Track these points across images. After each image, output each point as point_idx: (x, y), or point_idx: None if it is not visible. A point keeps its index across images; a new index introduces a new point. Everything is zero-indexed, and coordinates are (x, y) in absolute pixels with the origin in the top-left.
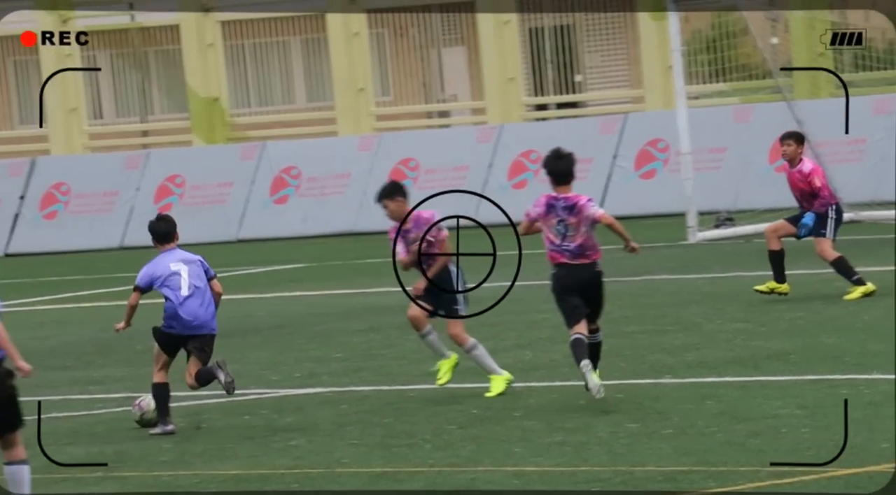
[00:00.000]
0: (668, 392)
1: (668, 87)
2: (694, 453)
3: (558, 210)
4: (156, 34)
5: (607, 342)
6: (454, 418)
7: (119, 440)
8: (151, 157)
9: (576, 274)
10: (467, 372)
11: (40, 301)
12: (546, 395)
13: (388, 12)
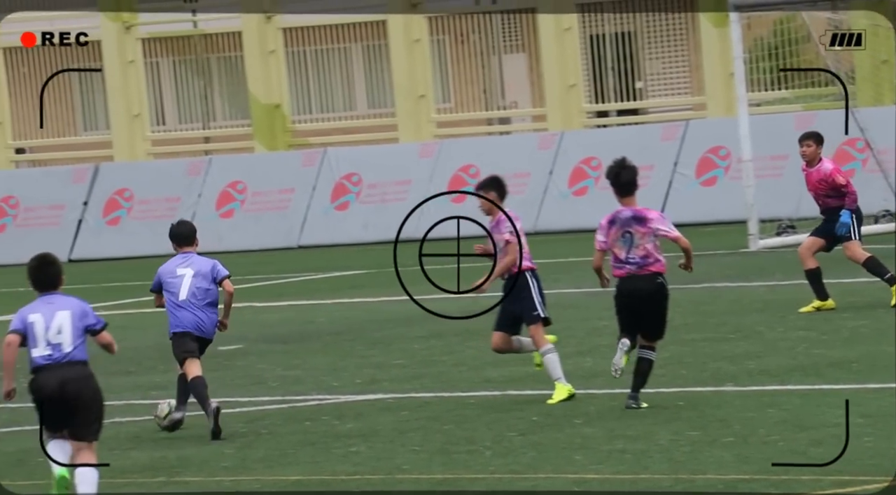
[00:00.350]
0: (729, 400)
1: (729, 94)
2: (755, 461)
3: (623, 222)
4: (218, 41)
5: (668, 349)
6: (515, 425)
7: (181, 445)
8: (213, 164)
9: (638, 285)
10: (528, 379)
11: (103, 306)
12: (606, 403)
13: (449, 17)
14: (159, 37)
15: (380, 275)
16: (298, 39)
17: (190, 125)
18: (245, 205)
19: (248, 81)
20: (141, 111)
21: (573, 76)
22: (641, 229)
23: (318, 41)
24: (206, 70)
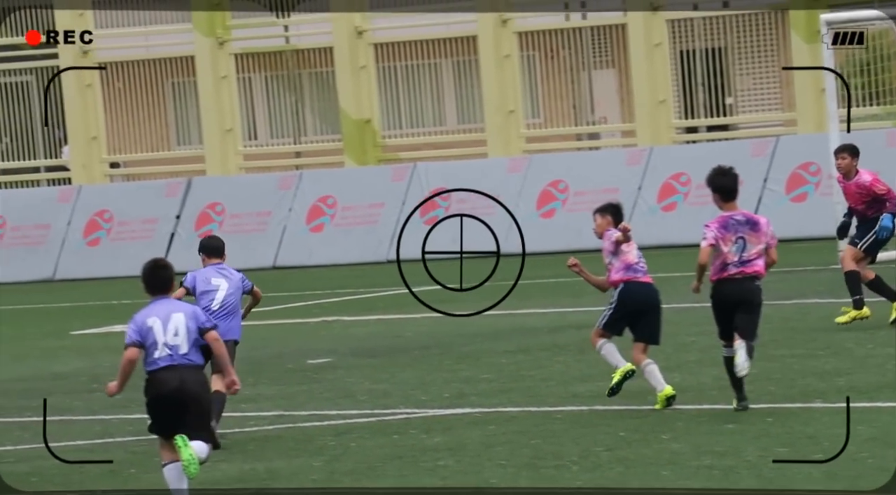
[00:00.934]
0: (818, 416)
1: (820, 110)
2: (844, 479)
3: (737, 226)
4: (310, 56)
5: (757, 365)
6: (602, 440)
7: (270, 457)
8: (304, 178)
9: (737, 288)
10: (617, 395)
11: None
12: (694, 418)
13: (539, 34)
14: (252, 52)
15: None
16: (389, 55)
17: (281, 140)
18: (335, 220)
19: (339, 97)
20: (233, 126)
21: (663, 92)
22: (754, 235)
23: (408, 57)
24: (297, 85)
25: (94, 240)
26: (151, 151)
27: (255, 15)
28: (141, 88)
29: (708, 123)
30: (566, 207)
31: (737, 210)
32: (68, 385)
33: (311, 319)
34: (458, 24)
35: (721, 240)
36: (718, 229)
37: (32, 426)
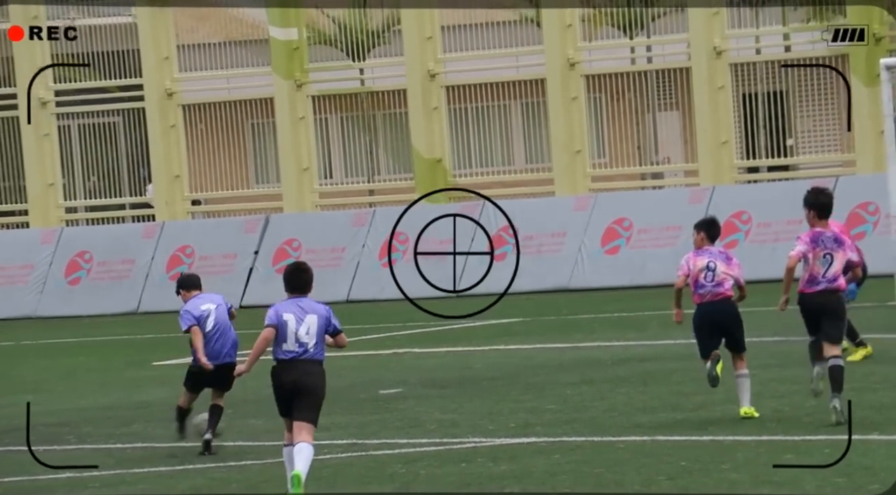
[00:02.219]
0: (875, 448)
1: (879, 151)
2: None
3: (826, 242)
4: (384, 98)
5: (811, 398)
6: (663, 469)
7: (343, 484)
8: (377, 215)
9: (822, 300)
10: (676, 425)
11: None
12: (753, 449)
13: (606, 76)
14: (328, 94)
15: (534, 323)
16: (460, 97)
17: (356, 178)
18: (407, 255)
19: (412, 136)
20: (310, 165)
21: (725, 133)
22: (840, 252)
23: (478, 99)
24: (371, 126)
25: (176, 274)
26: (231, 189)
27: (332, 58)
28: (222, 129)
29: (769, 164)
30: (630, 244)
31: (827, 227)
32: (150, 413)
33: (383, 351)
34: (527, 67)
35: (811, 252)
36: (809, 243)
37: (119, 452)
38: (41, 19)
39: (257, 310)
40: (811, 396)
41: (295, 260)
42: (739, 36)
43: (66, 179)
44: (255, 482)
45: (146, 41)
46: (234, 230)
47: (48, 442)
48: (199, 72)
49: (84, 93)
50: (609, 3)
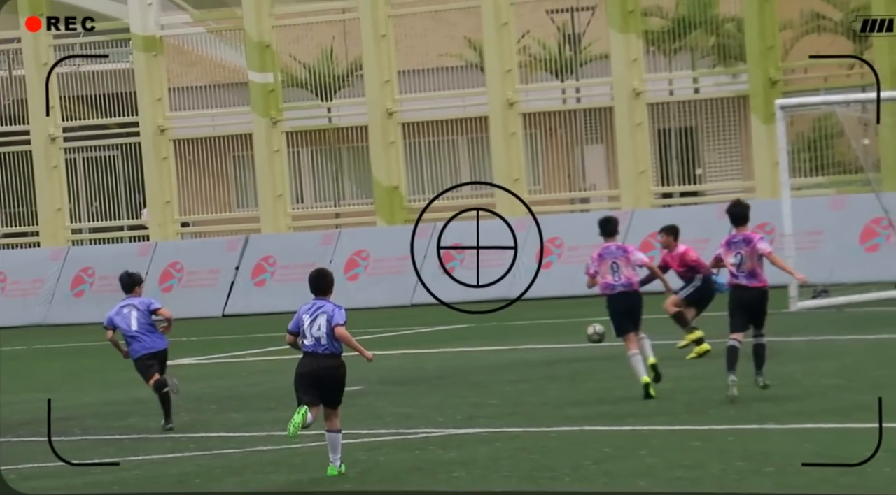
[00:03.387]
0: (771, 436)
1: (775, 179)
2: (793, 487)
3: (737, 244)
4: (348, 133)
5: (721, 393)
6: (589, 455)
7: (312, 469)
8: (342, 235)
9: (747, 294)
10: (601, 417)
11: (250, 353)
12: (667, 437)
13: (540, 115)
14: (300, 130)
15: (478, 330)
16: (414, 132)
17: (323, 203)
18: (368, 270)
19: (372, 167)
20: (283, 192)
21: (643, 163)
22: (748, 249)
23: (430, 134)
24: (337, 158)
25: (167, 287)
26: (215, 213)
27: (303, 99)
28: (207, 160)
29: (681, 190)
30: (561, 260)
31: (745, 232)
32: (145, 408)
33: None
34: (473, 106)
35: (725, 254)
36: (724, 247)
37: (116, 442)
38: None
39: (239, 319)
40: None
41: (318, 267)
42: (655, 79)
43: (72, 205)
44: (236, 468)
45: (142, 84)
46: (217, 248)
47: (57, 434)
48: (188, 111)
49: (87, 129)
50: (543, 51)
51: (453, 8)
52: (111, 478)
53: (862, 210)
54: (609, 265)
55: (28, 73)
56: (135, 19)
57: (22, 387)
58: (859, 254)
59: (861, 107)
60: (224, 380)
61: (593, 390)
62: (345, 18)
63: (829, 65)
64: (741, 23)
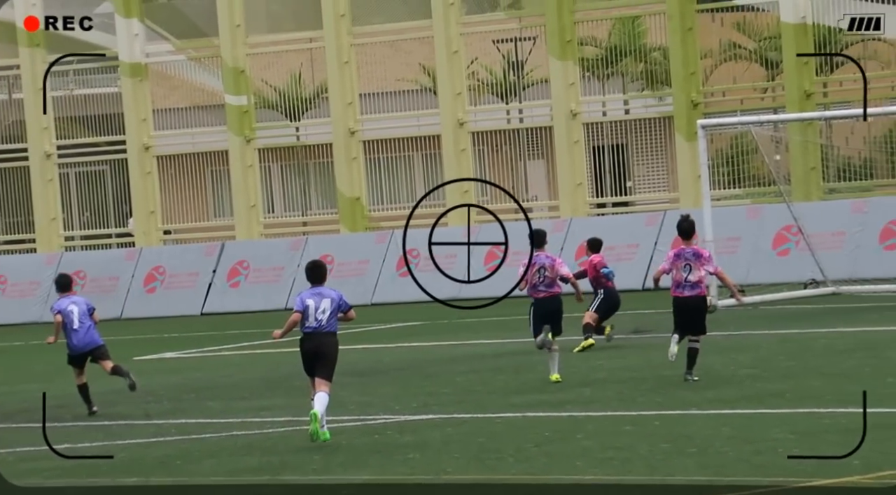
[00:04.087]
0: (693, 420)
1: (697, 191)
2: (712, 467)
3: (686, 257)
4: (315, 150)
5: (647, 383)
6: (531, 438)
7: (282, 452)
8: (309, 242)
9: (689, 302)
10: (542, 405)
11: (226, 348)
12: (601, 422)
13: (487, 133)
14: (271, 147)
15: (433, 326)
16: (375, 149)
17: (292, 213)
18: (333, 273)
19: (337, 180)
20: (256, 202)
21: (580, 177)
22: (698, 262)
23: (388, 151)
24: (305, 172)
25: (151, 288)
26: (195, 221)
27: (274, 119)
28: (187, 175)
29: (613, 201)
30: (506, 263)
31: (692, 246)
32: (130, 397)
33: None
34: (426, 125)
35: (674, 265)
36: (672, 258)
37: (105, 428)
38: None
39: (215, 317)
40: (647, 382)
41: (313, 259)
42: (590, 102)
43: (65, 214)
44: (213, 451)
45: (128, 106)
46: (196, 254)
47: (51, 420)
48: (170, 130)
49: (79, 147)
50: (489, 76)
51: (409, 38)
52: (100, 460)
53: (774, 218)
54: (536, 272)
55: (26, 97)
56: (122, 48)
57: (20, 378)
58: (772, 257)
59: (773, 126)
60: (202, 372)
61: (534, 381)
62: (311, 47)
63: (745, 89)
64: (666, 51)
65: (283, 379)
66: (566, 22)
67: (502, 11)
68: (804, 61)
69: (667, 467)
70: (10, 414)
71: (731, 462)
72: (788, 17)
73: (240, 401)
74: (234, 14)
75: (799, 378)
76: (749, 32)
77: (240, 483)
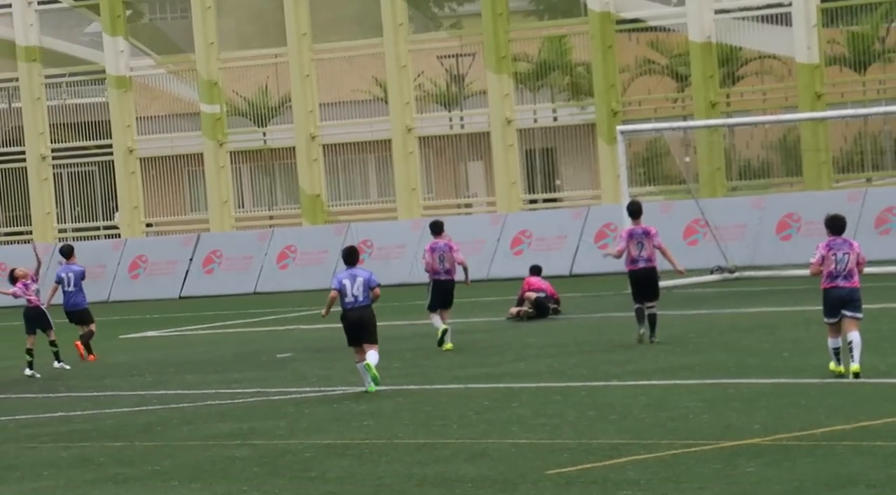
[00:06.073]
0: (614, 391)
1: (617, 188)
2: (630, 431)
3: (637, 235)
4: (280, 153)
5: (575, 357)
6: (472, 406)
7: (251, 419)
8: (275, 234)
9: (644, 273)
10: (481, 377)
11: (200, 328)
12: (534, 393)
13: (432, 138)
14: (241, 150)
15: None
16: (333, 152)
17: (260, 208)
18: (296, 261)
19: (299, 179)
20: (228, 199)
21: (514, 176)
22: (647, 239)
23: (345, 153)
24: (271, 172)
25: (135, 275)
26: (174, 215)
27: (243, 125)
28: (167, 174)
29: (544, 197)
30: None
31: (640, 224)
32: (117, 371)
33: (279, 327)
34: (378, 131)
35: (629, 242)
36: (626, 237)
37: (93, 398)
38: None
39: (192, 300)
40: (574, 357)
41: (349, 244)
42: (523, 110)
43: (58, 209)
44: (190, 418)
45: (115, 114)
46: (175, 244)
47: (45, 391)
48: (151, 135)
49: (71, 150)
50: (434, 87)
51: (363, 54)
52: (90, 426)
53: (684, 213)
54: (437, 257)
55: (24, 105)
56: (109, 62)
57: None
58: (683, 247)
59: (683, 132)
60: (180, 349)
61: (475, 356)
62: (277, 62)
63: (658, 99)
64: (589, 66)
65: (252, 355)
66: (501, 40)
67: (445, 31)
68: (709, 75)
69: (591, 432)
70: (9, 385)
71: (647, 427)
72: (696, 37)
73: (214, 375)
74: (208, 33)
75: (707, 353)
76: (662, 50)
77: (213, 447)
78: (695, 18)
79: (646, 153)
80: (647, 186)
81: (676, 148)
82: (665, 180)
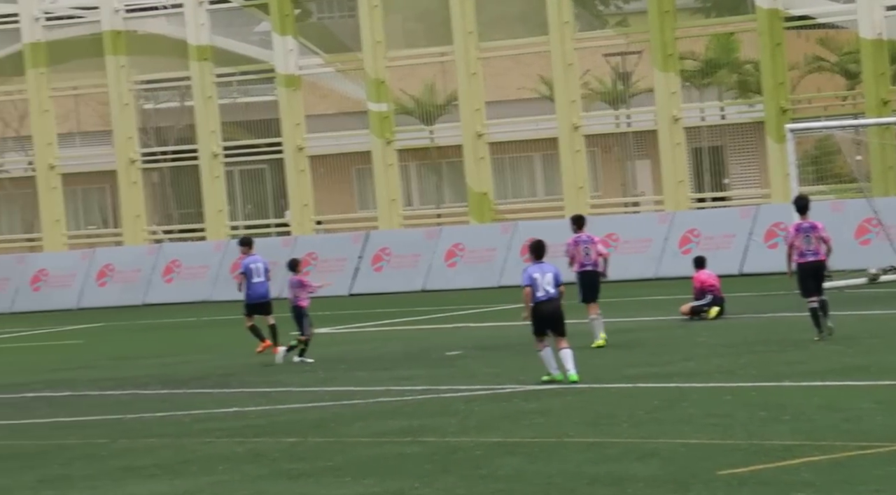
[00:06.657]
0: (785, 391)
1: (786, 187)
2: (803, 432)
3: (805, 229)
4: (447, 151)
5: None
6: (643, 406)
7: (421, 417)
8: (443, 232)
9: (813, 266)
10: (652, 376)
11: (370, 325)
12: (704, 393)
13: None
14: (409, 148)
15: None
16: (500, 150)
17: (428, 206)
18: (464, 259)
19: (466, 177)
20: (396, 197)
21: (681, 175)
22: (815, 233)
23: (512, 151)
24: (438, 170)
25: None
26: (343, 213)
27: (411, 123)
28: (334, 172)
29: (712, 196)
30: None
31: (809, 220)
32: (290, 367)
33: (449, 325)
34: (545, 129)
35: (795, 237)
36: (794, 230)
37: (267, 394)
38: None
39: (362, 297)
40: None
41: (537, 238)
42: (689, 108)
43: (230, 207)
44: (361, 415)
45: (284, 112)
46: (344, 242)
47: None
48: (320, 133)
49: (242, 148)
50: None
51: (529, 52)
52: (264, 422)
53: (856, 212)
54: (582, 249)
55: (196, 104)
56: (279, 62)
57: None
58: (855, 245)
59: (854, 130)
60: (351, 346)
61: (644, 355)
62: (443, 60)
63: (828, 97)
64: (758, 64)
65: (421, 353)
66: (668, 38)
67: (611, 29)
68: (880, 72)
69: (763, 432)
70: (185, 381)
71: (820, 428)
72: (866, 34)
73: (383, 372)
74: (376, 32)
75: (881, 353)
76: (831, 47)
77: (385, 444)
78: (865, 15)
79: (815, 151)
80: (816, 185)
81: (847, 146)
82: (835, 179)
